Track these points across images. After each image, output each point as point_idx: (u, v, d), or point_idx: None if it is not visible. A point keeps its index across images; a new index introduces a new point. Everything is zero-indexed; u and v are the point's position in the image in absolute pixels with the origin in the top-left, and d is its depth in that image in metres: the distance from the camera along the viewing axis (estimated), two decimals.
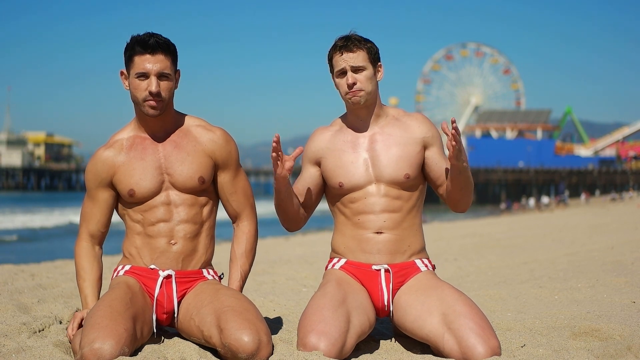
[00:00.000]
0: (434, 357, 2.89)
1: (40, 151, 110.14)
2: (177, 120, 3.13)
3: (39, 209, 48.03)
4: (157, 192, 3.05)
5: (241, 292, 3.14)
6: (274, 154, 2.99)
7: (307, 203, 3.24)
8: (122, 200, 3.10)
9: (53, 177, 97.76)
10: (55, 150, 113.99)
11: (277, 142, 2.95)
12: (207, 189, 3.13)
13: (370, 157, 3.14)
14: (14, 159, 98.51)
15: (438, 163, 3.18)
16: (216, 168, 3.14)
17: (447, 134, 2.95)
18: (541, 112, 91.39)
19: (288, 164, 2.99)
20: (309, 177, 3.23)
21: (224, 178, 3.16)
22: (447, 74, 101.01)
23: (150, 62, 2.95)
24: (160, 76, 2.97)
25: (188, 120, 3.15)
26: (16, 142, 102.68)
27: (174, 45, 3.03)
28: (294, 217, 3.18)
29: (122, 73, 3.06)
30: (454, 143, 2.94)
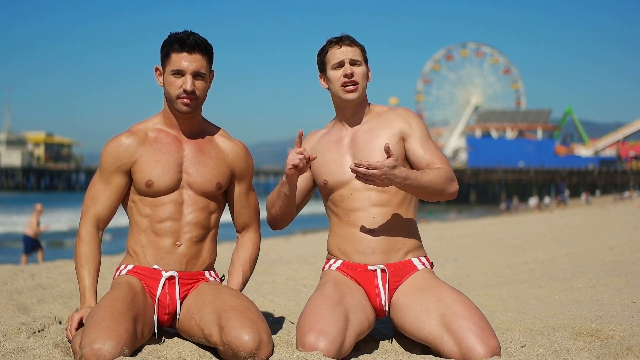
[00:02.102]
0: (434, 357, 2.88)
1: (40, 151, 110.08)
2: (204, 124, 3.18)
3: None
4: (173, 189, 3.06)
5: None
6: (299, 153, 3.02)
7: (298, 204, 3.30)
8: (134, 190, 3.09)
9: (53, 177, 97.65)
10: (55, 150, 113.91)
11: (300, 137, 3.06)
12: (219, 197, 3.17)
13: (352, 153, 3.18)
14: (13, 159, 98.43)
15: (415, 154, 3.17)
16: (232, 179, 3.18)
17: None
18: (541, 112, 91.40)
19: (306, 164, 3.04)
20: (301, 178, 3.27)
21: (239, 190, 3.21)
22: (447, 74, 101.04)
23: (187, 61, 2.98)
24: (196, 75, 3.01)
25: (211, 128, 3.20)
26: (16, 142, 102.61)
27: (211, 46, 3.06)
28: (289, 213, 3.24)
29: (156, 69, 3.09)
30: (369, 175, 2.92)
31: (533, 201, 50.35)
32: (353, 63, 3.17)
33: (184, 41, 2.98)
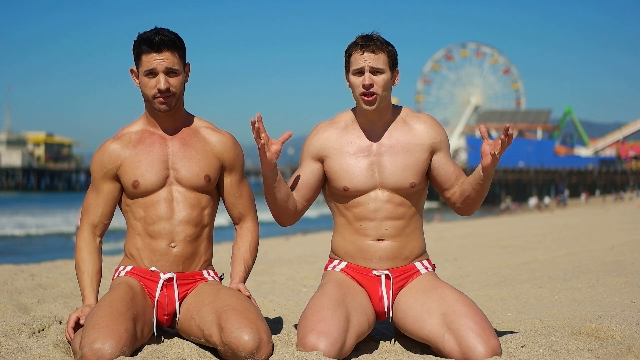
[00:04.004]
0: (434, 357, 2.89)
1: (40, 151, 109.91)
2: (187, 119, 3.16)
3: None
4: (161, 186, 3.05)
5: (244, 283, 3.15)
6: (260, 136, 2.90)
7: (304, 196, 3.17)
8: (126, 193, 3.10)
9: (53, 177, 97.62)
10: (55, 150, 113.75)
11: (260, 121, 2.91)
12: (211, 191, 3.14)
13: (377, 162, 3.09)
14: (13, 159, 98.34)
15: (445, 167, 3.15)
16: (222, 170, 3.16)
17: (484, 138, 2.90)
18: (541, 112, 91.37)
19: (275, 147, 2.94)
20: (310, 172, 3.16)
21: (230, 181, 3.18)
22: (447, 74, 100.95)
23: (156, 60, 2.96)
24: (169, 72, 2.99)
25: (197, 121, 3.18)
26: (16, 142, 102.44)
27: (180, 40, 3.03)
28: (282, 206, 3.08)
29: (132, 71, 3.07)
30: (496, 153, 2.90)
31: (533, 201, 50.35)
32: (374, 72, 3.01)
33: (150, 41, 2.96)
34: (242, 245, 3.21)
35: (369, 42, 3.02)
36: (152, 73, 2.98)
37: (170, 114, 3.08)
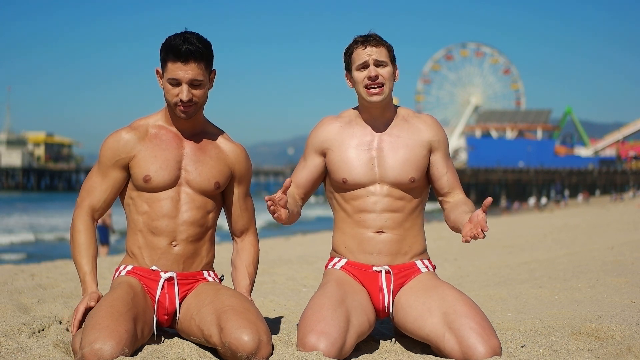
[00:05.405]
0: (434, 357, 2.89)
1: (40, 151, 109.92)
2: (205, 125, 3.17)
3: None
4: (171, 185, 3.05)
5: (249, 296, 3.15)
6: (272, 208, 2.92)
7: (307, 192, 3.26)
8: (134, 185, 3.08)
9: (53, 177, 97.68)
10: (55, 150, 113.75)
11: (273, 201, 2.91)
12: (216, 197, 3.16)
13: (377, 156, 3.13)
14: (13, 159, 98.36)
15: (440, 168, 3.19)
16: (232, 180, 3.18)
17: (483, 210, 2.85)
18: (541, 112, 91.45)
19: (282, 201, 2.92)
20: (313, 166, 3.23)
21: (238, 193, 3.20)
22: (447, 74, 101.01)
23: (182, 70, 2.94)
24: (192, 83, 2.97)
25: (213, 128, 3.19)
26: (16, 142, 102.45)
27: (209, 49, 2.99)
28: (294, 220, 3.15)
29: (157, 72, 3.05)
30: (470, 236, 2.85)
31: (532, 201, 50.42)
32: (378, 64, 3.09)
33: (177, 50, 2.91)
34: (245, 259, 3.24)
35: (369, 38, 3.13)
36: (176, 82, 2.96)
37: (190, 119, 3.08)
